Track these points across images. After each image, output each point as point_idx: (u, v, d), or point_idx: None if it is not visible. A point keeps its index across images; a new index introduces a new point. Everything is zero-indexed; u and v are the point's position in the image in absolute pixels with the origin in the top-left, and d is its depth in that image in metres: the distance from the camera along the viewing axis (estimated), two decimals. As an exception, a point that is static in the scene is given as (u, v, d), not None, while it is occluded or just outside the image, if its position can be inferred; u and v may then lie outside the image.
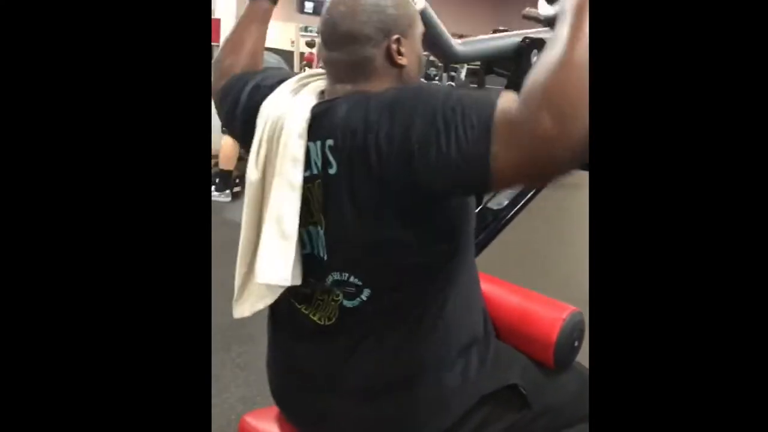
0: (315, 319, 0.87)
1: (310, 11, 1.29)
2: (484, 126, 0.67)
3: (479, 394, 0.88)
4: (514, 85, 1.33)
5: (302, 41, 8.26)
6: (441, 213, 0.81)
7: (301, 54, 8.34)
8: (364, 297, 0.82)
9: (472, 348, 0.89)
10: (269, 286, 0.84)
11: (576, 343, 0.98)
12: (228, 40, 1.07)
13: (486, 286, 1.00)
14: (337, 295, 0.84)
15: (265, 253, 0.81)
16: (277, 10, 1.09)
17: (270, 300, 0.86)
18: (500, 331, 0.99)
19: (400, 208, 0.77)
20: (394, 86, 0.82)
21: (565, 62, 0.63)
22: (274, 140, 0.83)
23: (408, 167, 0.72)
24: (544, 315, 0.97)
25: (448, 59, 1.30)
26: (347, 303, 0.83)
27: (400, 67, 0.84)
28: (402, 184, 0.74)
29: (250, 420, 1.00)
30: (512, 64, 1.26)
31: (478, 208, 1.27)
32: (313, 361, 0.89)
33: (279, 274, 0.81)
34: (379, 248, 0.80)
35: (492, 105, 0.68)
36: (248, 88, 0.94)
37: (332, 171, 0.79)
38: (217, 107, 1.02)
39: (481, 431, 0.89)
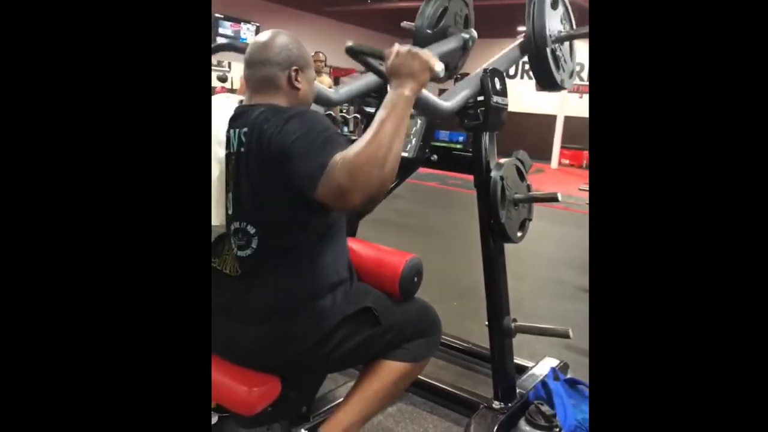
0: (225, 271, 1.22)
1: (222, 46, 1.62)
2: (320, 167, 1.02)
3: (342, 314, 1.24)
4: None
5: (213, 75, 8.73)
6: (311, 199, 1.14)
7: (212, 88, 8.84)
8: (254, 245, 1.17)
9: (339, 286, 1.25)
10: None
11: (415, 279, 1.37)
12: None
13: (352, 243, 1.39)
14: (232, 249, 1.19)
15: None
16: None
17: None
18: (362, 274, 1.37)
19: (281, 180, 1.13)
20: (293, 105, 1.20)
21: (361, 149, 0.99)
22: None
23: (283, 162, 1.09)
24: (392, 259, 1.36)
25: (440, 116, 1.55)
26: (241, 253, 1.18)
27: (297, 89, 1.22)
28: (282, 172, 1.10)
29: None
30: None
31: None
32: (225, 299, 1.23)
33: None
34: (267, 205, 1.16)
35: (331, 155, 1.02)
36: None
37: (243, 149, 1.15)
38: None
39: (345, 343, 1.25)
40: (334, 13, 11.09)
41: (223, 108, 1.19)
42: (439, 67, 1.10)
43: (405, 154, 1.67)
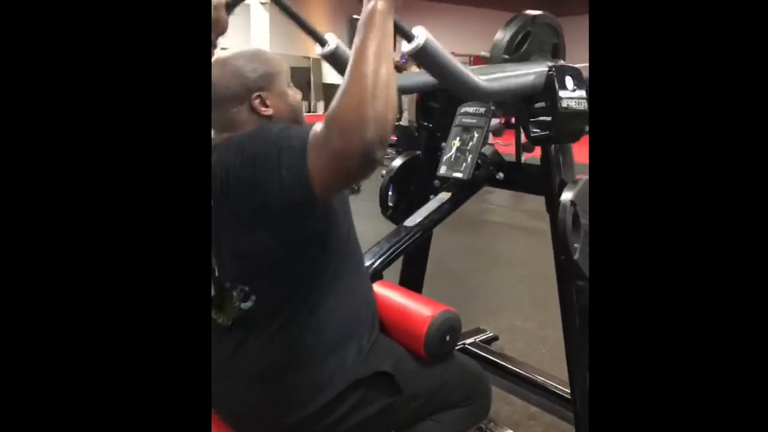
0: (219, 321, 1.07)
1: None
2: (302, 148, 0.87)
3: (353, 378, 1.03)
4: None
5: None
6: (302, 225, 0.98)
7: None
8: (253, 298, 1.02)
9: (350, 341, 1.05)
10: None
11: (447, 338, 1.12)
12: None
13: (379, 289, 1.18)
14: (236, 301, 1.04)
15: None
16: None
17: None
18: (386, 327, 1.16)
19: (265, 223, 0.96)
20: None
21: (343, 91, 0.81)
22: None
23: (258, 189, 0.93)
24: (418, 312, 1.13)
25: (469, 96, 1.30)
26: (243, 305, 1.03)
27: (268, 116, 1.04)
28: (259, 203, 0.94)
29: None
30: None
31: (397, 227, 1.46)
32: (217, 352, 1.10)
33: None
34: (253, 256, 0.99)
35: (308, 132, 0.88)
36: None
37: (213, 203, 1.00)
38: None
39: (356, 412, 1.04)
40: (489, 2, 10.70)
41: None
42: None
43: (459, 175, 1.42)
